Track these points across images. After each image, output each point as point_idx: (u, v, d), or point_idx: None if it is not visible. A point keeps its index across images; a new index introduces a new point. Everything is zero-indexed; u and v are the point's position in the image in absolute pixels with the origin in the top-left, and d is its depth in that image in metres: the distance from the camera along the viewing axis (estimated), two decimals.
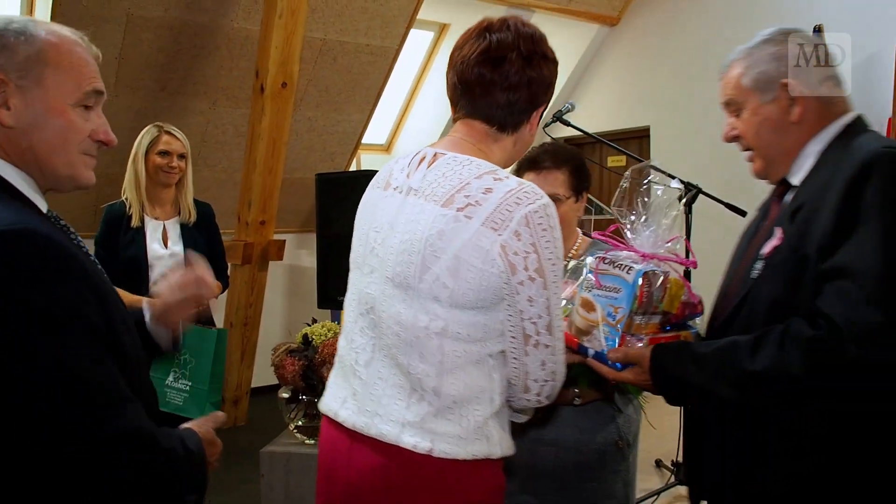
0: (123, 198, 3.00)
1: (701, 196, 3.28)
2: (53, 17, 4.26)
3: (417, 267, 1.32)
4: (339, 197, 3.58)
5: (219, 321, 4.94)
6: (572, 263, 1.94)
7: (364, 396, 1.39)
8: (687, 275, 1.68)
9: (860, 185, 1.25)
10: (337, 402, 1.46)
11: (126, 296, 2.77)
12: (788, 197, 1.47)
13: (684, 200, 1.61)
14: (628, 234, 1.60)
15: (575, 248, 2.02)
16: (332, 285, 4.08)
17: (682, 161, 5.01)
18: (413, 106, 6.97)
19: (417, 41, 6.50)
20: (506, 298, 1.33)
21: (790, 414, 1.32)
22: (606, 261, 1.56)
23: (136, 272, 2.90)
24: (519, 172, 2.01)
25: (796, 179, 1.44)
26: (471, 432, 1.34)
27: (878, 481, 1.28)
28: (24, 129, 1.12)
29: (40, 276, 1.00)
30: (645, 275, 1.48)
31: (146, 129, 3.02)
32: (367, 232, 1.45)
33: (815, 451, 1.30)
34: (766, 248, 1.39)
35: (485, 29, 1.43)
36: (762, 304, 1.36)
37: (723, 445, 1.43)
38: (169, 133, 3.01)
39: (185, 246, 3.02)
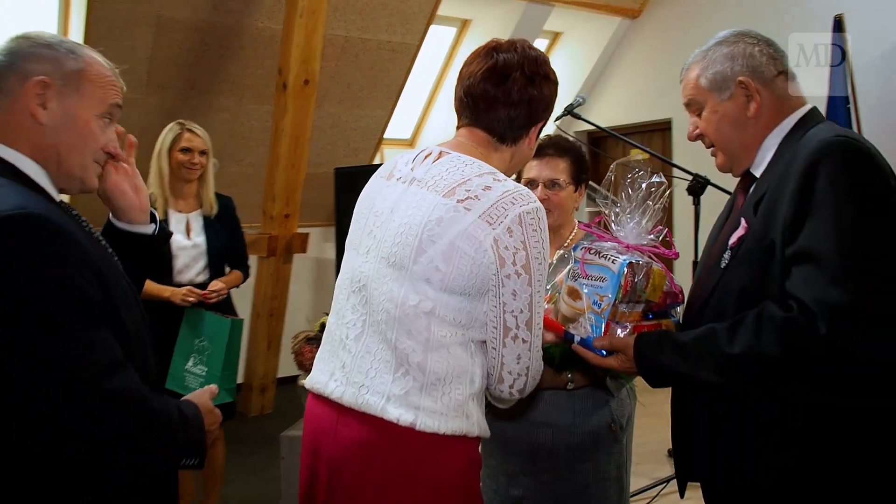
0: (149, 192, 3.14)
1: (713, 189, 3.31)
2: (88, 21, 4.44)
3: (414, 249, 1.42)
4: (357, 190, 3.67)
5: (245, 311, 5.10)
6: (559, 253, 2.03)
7: (352, 369, 1.47)
8: (670, 265, 1.76)
9: (813, 173, 1.32)
10: (325, 375, 1.54)
11: (150, 284, 2.94)
12: (753, 189, 1.54)
13: (667, 193, 1.68)
14: (613, 225, 1.68)
15: (571, 237, 2.10)
16: None
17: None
18: (436, 101, 7.07)
19: (440, 37, 6.60)
20: (492, 289, 1.42)
21: (772, 408, 1.38)
22: (592, 251, 1.63)
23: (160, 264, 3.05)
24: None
25: (758, 171, 1.52)
26: (451, 409, 1.43)
27: (858, 472, 1.34)
28: (54, 128, 1.28)
29: (43, 254, 1.14)
30: (630, 265, 1.56)
31: (169, 126, 3.18)
32: (367, 216, 1.55)
33: (796, 445, 1.36)
34: (733, 239, 1.47)
35: (493, 49, 1.54)
36: (732, 293, 1.43)
37: (711, 440, 1.50)
38: (191, 130, 3.16)
39: (207, 237, 3.16)
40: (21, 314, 1.12)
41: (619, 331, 1.57)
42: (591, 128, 7.37)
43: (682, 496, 1.68)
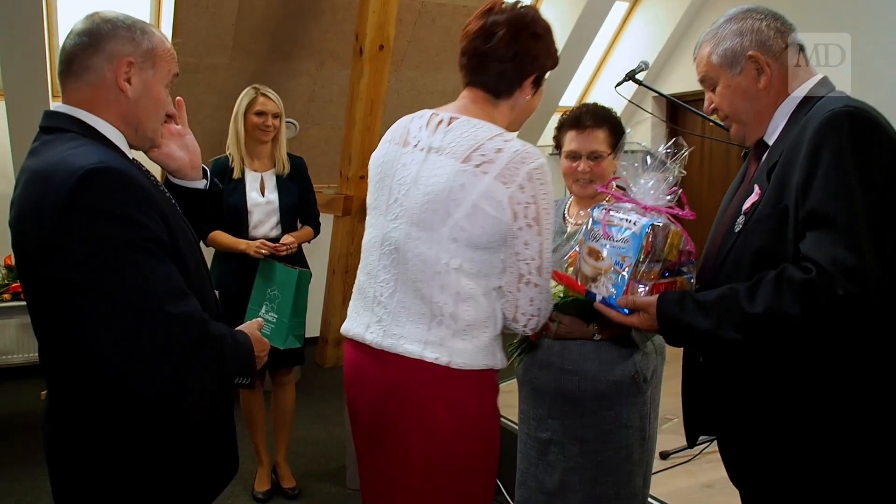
0: (227, 153, 3.40)
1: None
2: None
3: (441, 214, 1.60)
4: None
5: (320, 268, 5.36)
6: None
7: (389, 323, 1.67)
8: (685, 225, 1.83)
9: (823, 140, 1.39)
10: (361, 327, 1.74)
11: (227, 237, 3.19)
12: (766, 156, 1.60)
13: (685, 156, 1.75)
14: (632, 187, 1.74)
15: (606, 200, 2.20)
16: None
17: None
18: None
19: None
20: (507, 241, 1.61)
21: (789, 366, 1.46)
22: (612, 212, 1.70)
23: (238, 218, 3.30)
24: (562, 130, 2.21)
25: (771, 139, 1.59)
26: (480, 350, 1.65)
27: (873, 429, 1.42)
28: (136, 99, 1.50)
29: (120, 200, 1.34)
30: (651, 227, 1.63)
31: (245, 91, 3.40)
32: (391, 184, 1.71)
33: (812, 402, 1.45)
34: (747, 204, 1.54)
35: (487, 11, 1.70)
36: (747, 255, 1.50)
37: (728, 396, 1.58)
38: (265, 95, 3.35)
39: (280, 194, 3.39)
40: (100, 247, 1.32)
41: (639, 289, 1.64)
42: (671, 93, 7.27)
43: (690, 446, 1.79)
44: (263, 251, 3.24)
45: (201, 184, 1.78)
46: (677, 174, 1.73)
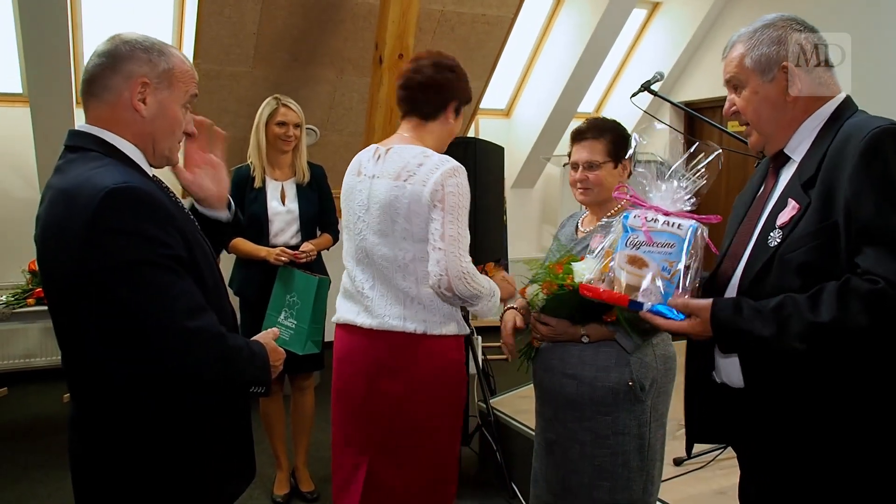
0: (249, 161, 3.45)
1: None
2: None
3: (390, 221, 2.16)
4: None
5: (336, 272, 5.39)
6: (603, 222, 2.15)
7: (373, 308, 2.21)
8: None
9: (875, 157, 1.41)
10: (352, 314, 2.27)
11: (248, 244, 3.24)
12: (787, 170, 1.61)
13: (720, 160, 1.74)
14: (651, 192, 1.72)
15: (619, 206, 2.24)
16: None
17: None
18: (532, 71, 7.14)
19: (538, 7, 6.65)
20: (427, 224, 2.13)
21: (835, 381, 1.46)
22: (650, 219, 1.66)
23: (259, 226, 3.35)
24: (572, 142, 2.31)
25: (796, 154, 1.59)
26: (445, 317, 2.21)
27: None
28: (151, 119, 1.54)
29: (141, 219, 1.39)
30: (698, 229, 1.62)
31: (266, 101, 3.45)
32: (353, 208, 2.26)
33: (860, 419, 1.45)
34: (784, 218, 1.53)
35: (416, 59, 2.29)
36: (792, 270, 1.48)
37: (763, 408, 1.57)
38: (286, 105, 3.41)
39: (300, 203, 3.43)
40: (122, 264, 1.37)
41: (685, 295, 1.59)
42: (689, 99, 7.25)
43: (688, 455, 1.79)
44: (283, 258, 3.28)
45: (224, 215, 1.84)
46: (700, 180, 1.70)
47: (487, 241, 3.78)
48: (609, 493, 2.15)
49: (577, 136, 2.27)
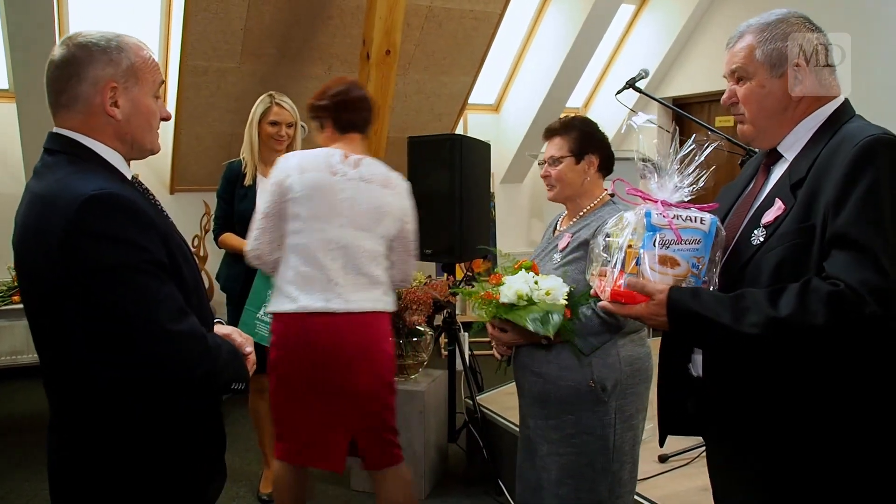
0: (241, 157, 3.44)
1: None
2: None
3: (376, 221, 2.56)
4: (427, 158, 3.87)
5: None
6: (574, 222, 2.19)
7: (346, 293, 2.49)
8: None
9: (862, 166, 1.39)
10: (321, 301, 2.47)
11: (236, 239, 3.23)
12: (778, 168, 1.60)
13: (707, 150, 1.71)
14: (655, 186, 1.67)
15: (591, 206, 2.26)
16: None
17: None
18: (521, 66, 7.14)
19: (527, 2, 6.65)
20: (400, 231, 2.64)
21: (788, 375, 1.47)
22: (673, 215, 1.59)
23: (247, 223, 3.33)
24: (543, 140, 2.36)
25: (789, 153, 1.58)
26: (394, 298, 2.69)
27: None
28: (127, 119, 1.52)
29: (121, 224, 1.39)
30: (718, 222, 1.58)
31: (261, 98, 3.42)
32: (333, 203, 2.49)
33: (817, 409, 1.46)
34: (768, 217, 1.52)
35: (338, 81, 2.69)
36: (767, 268, 1.49)
37: (723, 398, 1.58)
38: (279, 104, 3.38)
39: None
40: (104, 270, 1.37)
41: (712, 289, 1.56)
42: (678, 94, 7.26)
43: (661, 445, 1.81)
44: None
45: None
46: (702, 171, 1.66)
47: (473, 237, 3.79)
48: (575, 492, 2.16)
49: (547, 134, 2.31)
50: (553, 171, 2.25)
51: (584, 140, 2.24)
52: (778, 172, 1.61)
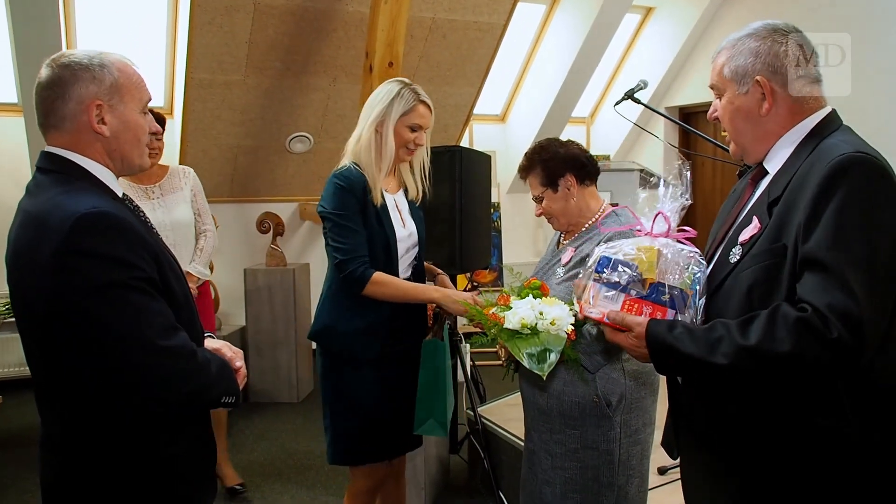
0: (348, 164, 2.51)
1: None
2: (192, 8, 4.80)
3: None
4: (437, 168, 3.87)
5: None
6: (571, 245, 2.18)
7: None
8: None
9: (832, 186, 1.37)
10: None
11: (402, 283, 2.55)
12: (763, 183, 1.58)
13: (686, 174, 1.72)
14: (641, 218, 1.71)
15: (594, 218, 2.24)
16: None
17: None
18: (527, 76, 7.15)
19: (532, 12, 6.67)
20: None
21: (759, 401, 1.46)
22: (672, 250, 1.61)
23: (388, 253, 2.65)
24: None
25: (772, 167, 1.56)
26: None
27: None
28: (114, 135, 1.54)
29: (112, 243, 1.41)
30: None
31: (395, 90, 2.52)
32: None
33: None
34: (745, 236, 1.52)
35: None
36: (740, 289, 1.49)
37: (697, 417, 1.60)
38: (424, 103, 2.56)
39: (416, 223, 2.87)
40: (95, 288, 1.39)
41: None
42: (684, 104, 7.24)
43: (673, 458, 1.81)
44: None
45: None
46: (681, 200, 1.68)
47: (474, 249, 3.80)
48: None
49: (521, 176, 2.33)
50: (540, 208, 2.28)
51: (548, 168, 2.23)
52: (762, 188, 1.59)
